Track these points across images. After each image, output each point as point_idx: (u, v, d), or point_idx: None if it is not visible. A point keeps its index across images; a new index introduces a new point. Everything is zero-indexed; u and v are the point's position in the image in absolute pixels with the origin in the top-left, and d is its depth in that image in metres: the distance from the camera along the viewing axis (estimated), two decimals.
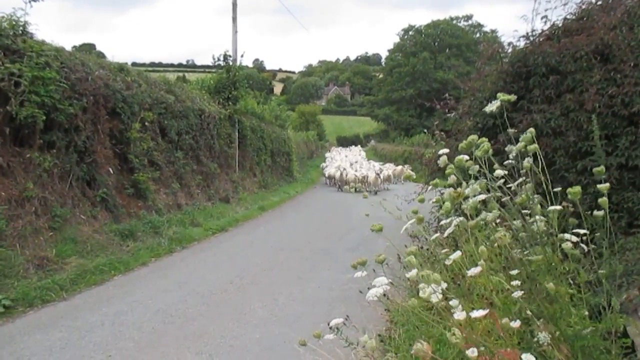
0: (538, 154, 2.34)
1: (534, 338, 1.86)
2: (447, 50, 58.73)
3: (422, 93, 55.29)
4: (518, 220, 2.28)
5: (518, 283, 1.94)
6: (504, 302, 1.99)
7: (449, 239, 2.64)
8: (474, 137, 2.41)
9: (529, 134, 2.41)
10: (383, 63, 78.86)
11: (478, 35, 59.81)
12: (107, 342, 5.31)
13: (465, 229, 2.28)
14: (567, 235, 2.12)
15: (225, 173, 16.80)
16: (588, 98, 5.06)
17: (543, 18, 6.23)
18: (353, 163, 31.28)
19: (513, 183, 2.46)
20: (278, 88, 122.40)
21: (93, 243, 8.62)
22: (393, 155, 42.92)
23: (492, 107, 2.48)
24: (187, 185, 13.41)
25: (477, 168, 2.37)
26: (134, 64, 67.75)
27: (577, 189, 2.06)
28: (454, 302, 1.90)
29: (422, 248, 4.84)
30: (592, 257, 2.17)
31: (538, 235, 2.09)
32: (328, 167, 28.44)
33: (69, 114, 8.71)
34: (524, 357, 1.62)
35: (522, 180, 2.42)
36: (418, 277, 1.92)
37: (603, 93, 5.05)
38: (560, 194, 2.37)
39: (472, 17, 62.09)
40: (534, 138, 2.38)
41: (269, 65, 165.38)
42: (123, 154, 10.80)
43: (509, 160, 2.55)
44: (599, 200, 2.08)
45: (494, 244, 2.20)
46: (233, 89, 17.82)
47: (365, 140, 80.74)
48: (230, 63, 18.21)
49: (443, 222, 2.66)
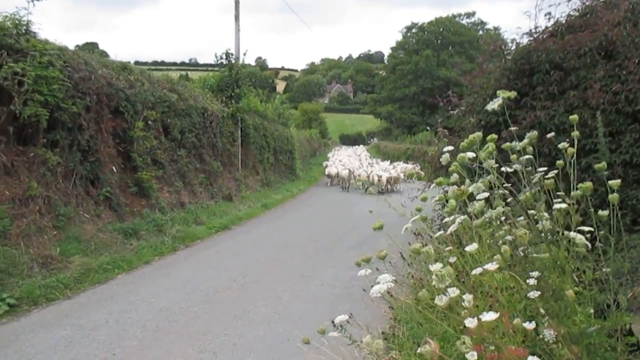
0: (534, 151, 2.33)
1: (540, 335, 1.85)
2: (450, 48, 58.58)
3: (425, 91, 55.22)
4: (522, 218, 2.27)
5: (534, 282, 1.92)
6: (509, 300, 1.98)
7: (453, 237, 2.63)
8: (478, 134, 2.40)
9: (534, 133, 2.41)
10: (386, 61, 78.70)
11: (481, 33, 59.65)
12: (111, 340, 5.33)
13: (470, 227, 2.27)
14: (572, 234, 2.11)
15: (228, 171, 16.81)
16: (592, 95, 5.04)
17: (547, 15, 6.21)
18: (361, 163, 30.30)
19: (522, 178, 2.45)
20: (281, 86, 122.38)
21: (97, 242, 8.64)
22: (396, 153, 42.87)
23: (493, 105, 2.46)
24: (190, 184, 13.43)
25: (492, 163, 2.35)
26: (137, 63, 67.76)
27: (587, 185, 2.05)
28: (467, 296, 1.88)
29: (425, 245, 4.84)
30: (597, 254, 2.16)
31: (543, 234, 2.08)
32: (330, 166, 27.58)
33: (73, 113, 8.73)
34: (529, 359, 1.61)
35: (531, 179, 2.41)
36: (435, 273, 1.91)
37: (607, 90, 5.03)
38: (565, 191, 2.36)
39: (474, 14, 62.09)
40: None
41: (272, 64, 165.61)
42: (126, 153, 10.82)
43: (514, 162, 2.53)
44: (610, 197, 2.07)
45: (498, 242, 2.20)
46: (236, 87, 17.82)
47: (368, 137, 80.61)
48: (233, 61, 18.21)
49: (446, 219, 2.65)
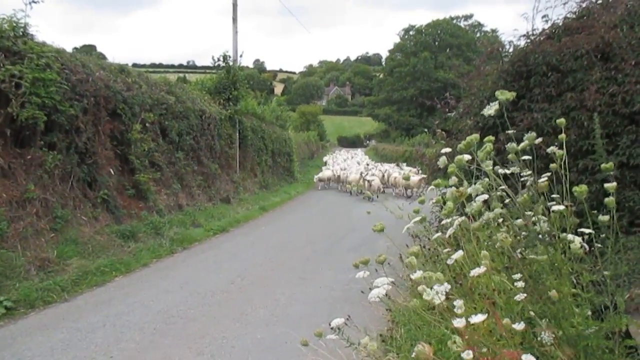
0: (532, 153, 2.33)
1: (537, 338, 1.85)
2: (447, 50, 58.74)
3: (422, 93, 55.29)
4: (520, 220, 2.26)
5: (522, 285, 1.92)
6: (506, 302, 1.98)
7: (451, 239, 2.62)
8: (475, 136, 2.40)
9: (533, 134, 2.41)
10: (383, 63, 78.81)
11: (478, 35, 59.81)
12: (108, 343, 5.32)
13: (467, 229, 2.27)
14: (570, 236, 2.11)
15: (226, 173, 16.80)
16: (589, 97, 5.06)
17: (544, 17, 6.23)
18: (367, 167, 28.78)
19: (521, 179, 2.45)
20: (279, 88, 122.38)
21: (94, 244, 8.62)
22: (394, 155, 42.89)
23: (490, 110, 2.44)
24: (188, 186, 13.42)
25: (490, 164, 2.34)
26: (135, 65, 67.61)
27: (582, 188, 2.05)
28: (458, 302, 1.89)
29: (424, 247, 4.84)
30: (594, 256, 2.16)
31: (541, 235, 2.08)
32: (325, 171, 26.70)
33: (70, 115, 8.72)
34: (524, 357, 1.61)
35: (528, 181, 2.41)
36: (422, 278, 1.91)
37: (604, 92, 5.04)
38: (562, 193, 2.36)
39: (472, 16, 62.22)
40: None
41: (270, 66, 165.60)
42: (124, 155, 10.81)
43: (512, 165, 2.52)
44: (606, 200, 2.07)
45: (495, 244, 2.20)
46: (233, 90, 17.83)
47: (365, 140, 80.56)
48: (230, 63, 18.21)
49: (444, 221, 2.65)
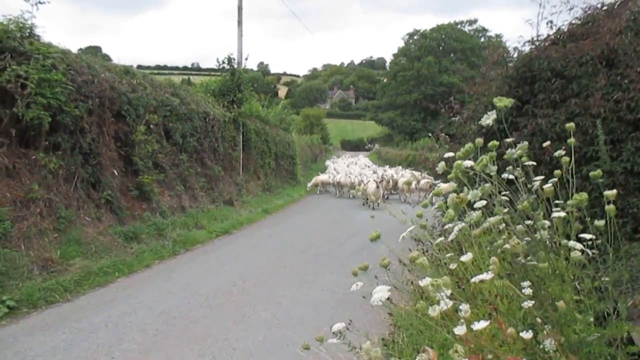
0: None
1: (540, 345, 1.85)
2: (451, 55, 58.72)
3: (426, 97, 55.19)
4: (520, 226, 2.26)
5: (529, 292, 1.92)
6: (509, 307, 1.98)
7: (454, 243, 2.62)
8: (479, 140, 2.39)
9: (525, 144, 2.41)
10: (388, 67, 78.83)
11: (483, 40, 59.80)
12: (110, 343, 5.33)
13: (469, 235, 2.27)
14: (571, 242, 2.11)
15: (230, 176, 16.83)
16: (593, 103, 5.05)
17: (548, 23, 6.22)
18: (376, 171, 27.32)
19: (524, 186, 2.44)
20: (282, 91, 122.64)
21: (97, 245, 8.64)
22: (397, 159, 42.87)
23: (488, 119, 2.43)
24: (191, 188, 13.44)
25: (493, 169, 2.33)
26: (140, 67, 67.74)
27: (582, 196, 2.05)
28: (464, 307, 1.89)
29: (426, 252, 4.83)
30: (597, 262, 2.16)
31: (541, 243, 2.08)
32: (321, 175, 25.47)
33: (75, 116, 8.76)
34: None
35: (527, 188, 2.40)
36: (429, 285, 1.91)
37: (608, 98, 5.03)
38: (565, 199, 2.36)
39: (476, 21, 62.18)
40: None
41: (274, 69, 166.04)
42: (128, 156, 10.84)
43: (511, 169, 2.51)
44: (606, 208, 2.07)
45: (497, 250, 2.20)
46: (237, 92, 17.86)
47: (367, 142, 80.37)
48: (235, 66, 18.25)
49: (447, 226, 2.64)
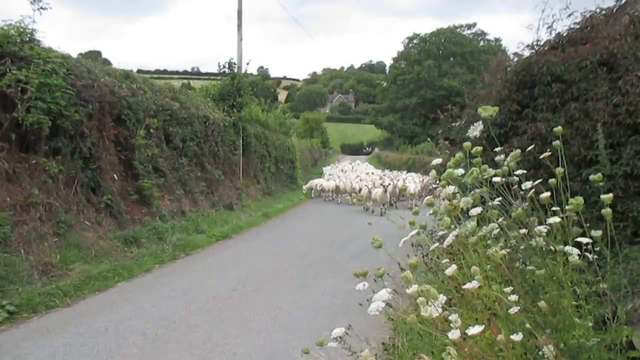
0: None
1: (539, 352, 1.85)
2: (451, 59, 58.86)
3: (426, 101, 55.36)
4: (515, 233, 2.25)
5: (515, 298, 1.91)
6: (507, 313, 1.98)
7: (453, 248, 2.62)
8: (467, 145, 2.39)
9: (517, 152, 2.41)
10: (387, 71, 78.94)
11: (482, 44, 59.95)
12: (110, 348, 5.32)
13: (464, 243, 2.27)
14: (567, 248, 2.10)
15: (229, 180, 16.83)
16: (593, 107, 5.07)
17: (548, 28, 6.25)
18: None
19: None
20: (282, 95, 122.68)
21: (97, 249, 8.64)
22: (397, 163, 42.88)
23: (475, 131, 2.42)
24: (191, 192, 13.44)
25: (492, 172, 2.32)
26: (140, 71, 67.69)
27: (579, 200, 2.05)
28: (453, 316, 1.89)
29: (425, 256, 4.83)
30: (596, 266, 2.16)
31: (537, 250, 2.07)
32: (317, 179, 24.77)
33: (75, 121, 8.77)
34: None
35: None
36: (417, 292, 1.91)
37: (608, 102, 5.05)
38: (562, 205, 2.36)
39: (475, 25, 62.30)
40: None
41: (274, 73, 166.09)
42: (128, 161, 10.85)
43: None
44: (603, 212, 2.07)
45: (492, 256, 2.19)
46: (237, 96, 17.89)
47: (365, 146, 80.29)
48: (235, 70, 18.30)
49: (440, 233, 2.64)
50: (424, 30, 67.16)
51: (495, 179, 2.33)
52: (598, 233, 2.10)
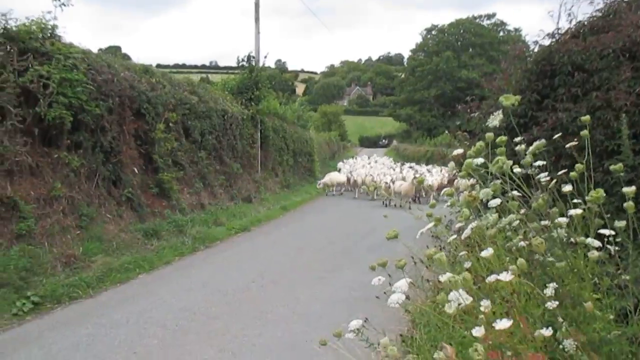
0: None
1: (560, 345, 1.82)
2: (470, 50, 58.13)
3: (445, 93, 54.86)
4: (535, 224, 2.22)
5: (552, 292, 1.88)
6: (525, 305, 1.96)
7: (471, 240, 2.59)
8: (490, 135, 2.36)
9: (541, 142, 2.38)
10: (405, 63, 78.26)
11: (502, 34, 59.05)
12: (132, 339, 5.41)
13: (483, 234, 2.24)
14: (589, 240, 2.07)
15: (248, 173, 16.91)
16: (615, 96, 4.96)
17: (569, 16, 6.12)
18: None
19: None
20: (300, 88, 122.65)
21: (118, 242, 8.77)
22: (415, 156, 42.59)
23: (494, 121, 2.39)
24: (210, 185, 13.55)
25: (508, 165, 2.29)
26: (158, 66, 68.35)
27: (599, 193, 2.01)
28: (485, 302, 1.87)
29: (443, 248, 4.79)
30: (618, 258, 2.12)
31: (558, 241, 2.04)
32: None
33: (96, 115, 8.89)
34: None
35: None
36: (447, 281, 1.89)
37: (631, 91, 4.93)
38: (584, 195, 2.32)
39: (494, 15, 61.35)
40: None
41: (291, 66, 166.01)
42: (148, 154, 10.97)
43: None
44: (625, 205, 2.04)
45: (512, 248, 2.17)
46: (255, 90, 17.93)
47: (381, 139, 79.49)
48: (254, 64, 18.33)
49: (458, 225, 2.61)
50: (443, 22, 66.47)
51: (517, 170, 2.30)
52: (622, 223, 2.07)
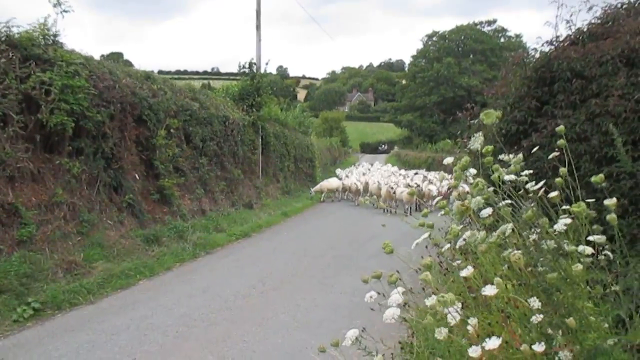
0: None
1: (555, 357, 1.83)
2: (471, 56, 58.18)
3: (446, 99, 54.88)
4: (526, 233, 2.23)
5: (538, 305, 1.88)
6: (521, 315, 1.96)
7: (466, 247, 2.60)
8: (486, 147, 2.36)
9: (519, 157, 2.38)
10: (406, 69, 78.33)
11: (502, 40, 59.12)
12: (132, 345, 5.42)
13: (475, 246, 2.25)
14: (581, 248, 2.07)
15: (249, 179, 16.94)
16: (613, 103, 4.97)
17: (567, 23, 6.14)
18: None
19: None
20: (302, 94, 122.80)
21: (119, 248, 8.79)
22: (417, 162, 42.58)
23: (475, 144, 2.38)
24: (211, 191, 13.57)
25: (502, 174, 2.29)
26: (160, 72, 68.61)
27: (581, 207, 2.01)
28: (472, 320, 1.89)
29: (440, 255, 4.79)
30: (617, 264, 2.13)
31: (549, 252, 2.05)
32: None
33: (97, 121, 8.93)
34: None
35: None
36: (436, 302, 1.91)
37: (629, 98, 4.95)
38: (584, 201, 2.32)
39: (495, 22, 61.42)
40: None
41: (293, 72, 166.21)
42: (149, 160, 11.01)
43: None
44: (607, 218, 2.04)
45: (506, 259, 2.18)
46: (257, 96, 17.98)
47: (381, 144, 79.13)
48: (255, 71, 18.40)
49: (448, 235, 2.61)
50: (444, 28, 66.52)
51: (507, 177, 2.30)
52: (602, 239, 2.07)
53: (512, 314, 1.95)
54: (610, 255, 2.18)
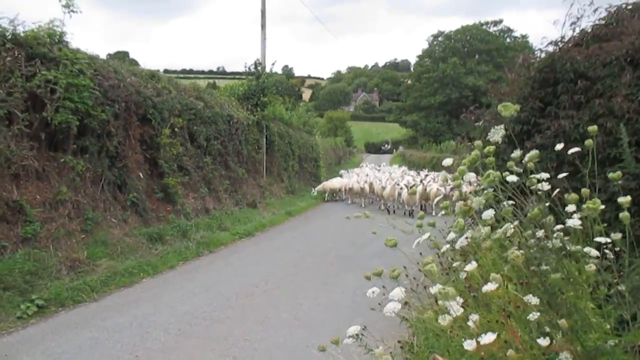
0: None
1: (556, 358, 1.83)
2: (476, 56, 58.01)
3: (451, 100, 54.78)
4: (530, 232, 2.22)
5: (536, 301, 1.88)
6: (521, 314, 1.96)
7: (470, 247, 2.60)
8: (478, 144, 2.36)
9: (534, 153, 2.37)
10: (412, 69, 78.22)
11: (508, 41, 58.93)
12: (134, 342, 5.44)
13: (478, 245, 2.25)
14: (586, 249, 2.07)
15: (253, 178, 16.96)
16: (617, 103, 4.95)
17: (572, 25, 6.13)
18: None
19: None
20: (307, 94, 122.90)
21: (123, 246, 8.82)
22: (421, 162, 42.53)
23: (495, 136, 2.38)
24: (215, 190, 13.59)
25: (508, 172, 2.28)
26: (166, 71, 68.77)
27: (596, 204, 2.02)
28: (473, 316, 1.89)
29: (441, 256, 4.79)
30: (619, 265, 2.12)
31: (553, 251, 2.04)
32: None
33: (102, 120, 8.97)
34: None
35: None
36: (439, 292, 1.91)
37: (633, 98, 4.93)
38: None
39: (501, 22, 61.21)
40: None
41: (298, 72, 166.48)
42: (153, 159, 11.04)
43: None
44: (620, 216, 2.04)
45: (508, 258, 2.18)
46: (262, 96, 18.01)
47: (384, 143, 78.68)
48: (260, 70, 18.43)
49: (450, 237, 2.61)
50: (450, 28, 66.44)
51: (510, 178, 2.30)
52: (617, 236, 2.08)
53: (512, 314, 1.95)
54: (612, 256, 2.18)
